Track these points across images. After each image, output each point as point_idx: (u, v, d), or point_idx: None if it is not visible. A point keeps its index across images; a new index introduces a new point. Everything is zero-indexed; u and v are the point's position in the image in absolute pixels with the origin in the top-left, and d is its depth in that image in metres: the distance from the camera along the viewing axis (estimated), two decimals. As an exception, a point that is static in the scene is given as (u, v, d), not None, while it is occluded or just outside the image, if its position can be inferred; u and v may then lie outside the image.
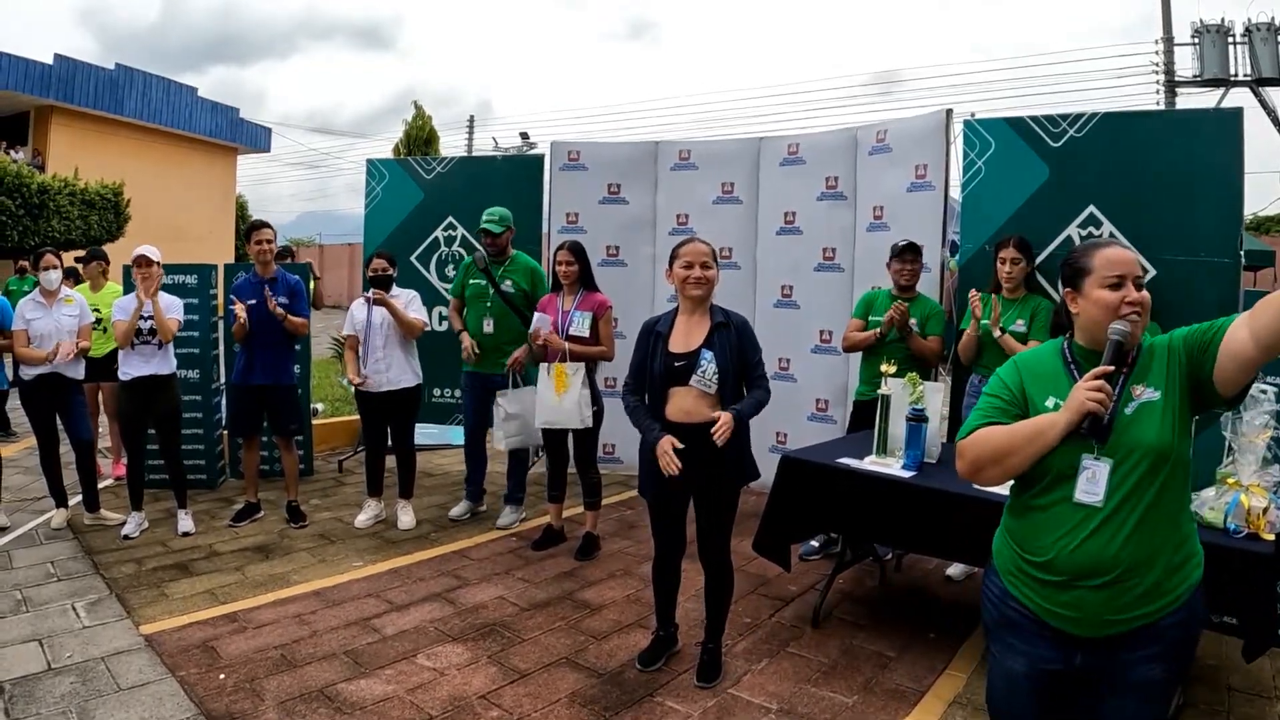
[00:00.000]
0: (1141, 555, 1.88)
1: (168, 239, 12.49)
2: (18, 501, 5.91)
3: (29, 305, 5.21)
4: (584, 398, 4.83)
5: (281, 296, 5.43)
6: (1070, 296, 2.08)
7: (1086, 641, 1.96)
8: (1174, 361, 1.94)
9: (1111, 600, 1.90)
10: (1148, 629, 1.91)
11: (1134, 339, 1.98)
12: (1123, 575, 1.88)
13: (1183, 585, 1.93)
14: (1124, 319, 1.95)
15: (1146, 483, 1.89)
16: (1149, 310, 2.00)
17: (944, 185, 5.34)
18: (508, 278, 5.49)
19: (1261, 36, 17.81)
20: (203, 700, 3.28)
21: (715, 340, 3.42)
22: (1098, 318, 1.98)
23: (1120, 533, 1.89)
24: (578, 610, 4.31)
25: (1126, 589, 1.89)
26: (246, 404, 5.52)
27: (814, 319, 6.14)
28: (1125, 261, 1.98)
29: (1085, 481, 1.94)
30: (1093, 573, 1.90)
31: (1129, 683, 1.94)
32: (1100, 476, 1.92)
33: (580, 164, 6.76)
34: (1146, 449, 1.90)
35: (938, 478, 3.75)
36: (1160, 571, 1.90)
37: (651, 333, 3.56)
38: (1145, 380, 1.96)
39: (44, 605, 4.16)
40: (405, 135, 23.81)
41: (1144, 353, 2.01)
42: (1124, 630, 1.92)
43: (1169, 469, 1.90)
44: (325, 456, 7.46)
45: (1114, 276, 1.97)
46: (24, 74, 22.51)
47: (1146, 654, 1.92)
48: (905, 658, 3.82)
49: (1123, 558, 1.88)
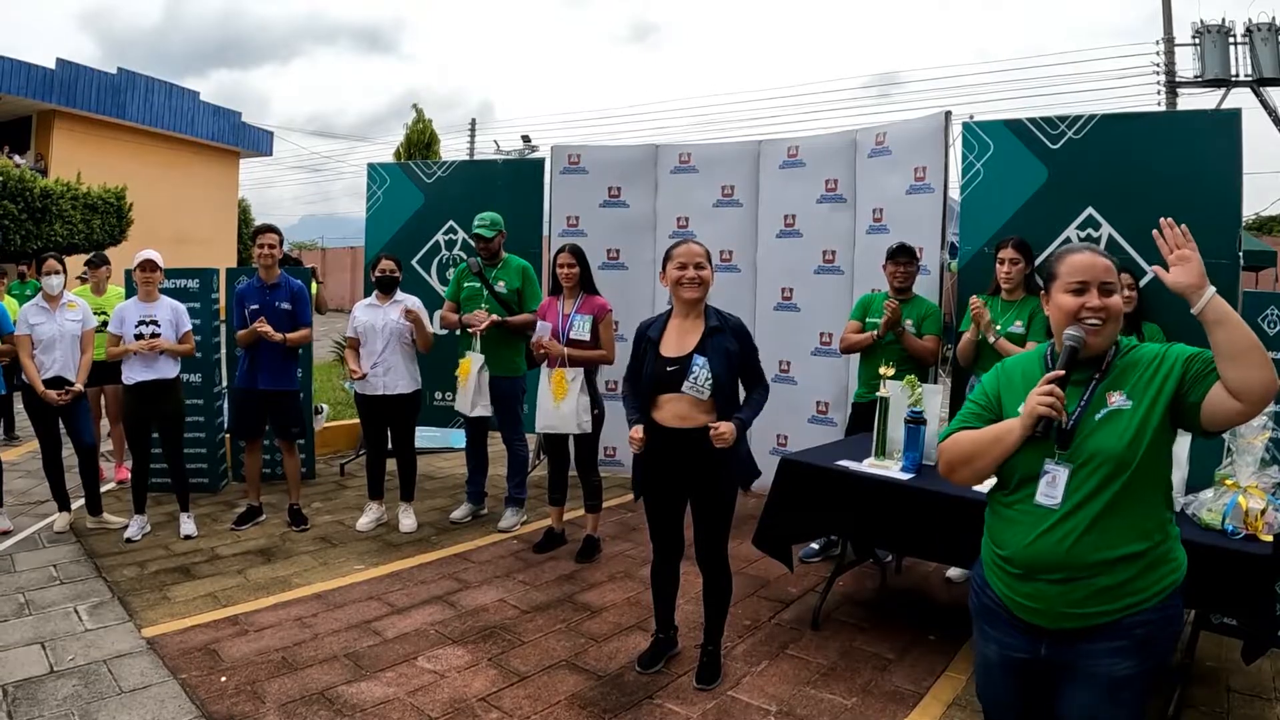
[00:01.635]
0: (1094, 556, 1.92)
1: (170, 243, 12.53)
2: (20, 505, 5.93)
3: (32, 310, 5.23)
4: (582, 404, 4.84)
5: (284, 302, 5.47)
6: (1044, 300, 2.14)
7: (1050, 633, 2.01)
8: (1161, 374, 1.95)
9: (1067, 594, 1.95)
10: (1110, 626, 1.94)
11: (1093, 345, 2.00)
12: (1075, 573, 1.94)
13: (1153, 588, 1.94)
14: (1081, 324, 1.99)
15: (1104, 487, 1.93)
16: (1117, 318, 2.01)
17: (943, 187, 5.35)
18: (500, 280, 5.54)
19: (1262, 37, 17.80)
20: (204, 703, 3.29)
21: (708, 345, 3.39)
22: (1059, 322, 2.05)
23: (1072, 534, 1.95)
24: (578, 613, 4.32)
25: (1080, 585, 1.94)
26: (249, 407, 5.54)
27: (814, 321, 6.15)
28: (1089, 267, 2.01)
29: (1045, 484, 2.01)
30: (1045, 568, 1.97)
31: (1092, 674, 1.97)
32: (1059, 480, 1.99)
33: (581, 167, 6.78)
34: (1106, 455, 1.94)
35: (936, 480, 3.75)
36: (1122, 572, 1.92)
37: (644, 337, 3.55)
38: (1121, 387, 1.99)
39: (46, 608, 4.17)
40: (406, 139, 23.82)
41: (1124, 359, 2.02)
42: (1086, 625, 1.96)
43: (1130, 475, 1.92)
44: (327, 460, 7.47)
45: (1075, 282, 2.01)
46: (26, 78, 22.60)
47: (1110, 647, 1.94)
48: (905, 660, 3.83)
49: (1074, 556, 1.94)
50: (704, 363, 3.35)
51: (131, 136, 25.69)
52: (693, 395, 3.36)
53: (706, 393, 3.35)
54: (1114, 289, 2.02)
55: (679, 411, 3.40)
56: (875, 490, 3.82)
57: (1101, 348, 2.02)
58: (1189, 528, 3.13)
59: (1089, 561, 1.92)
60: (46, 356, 5.16)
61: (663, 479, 3.49)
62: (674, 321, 3.52)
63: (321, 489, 6.62)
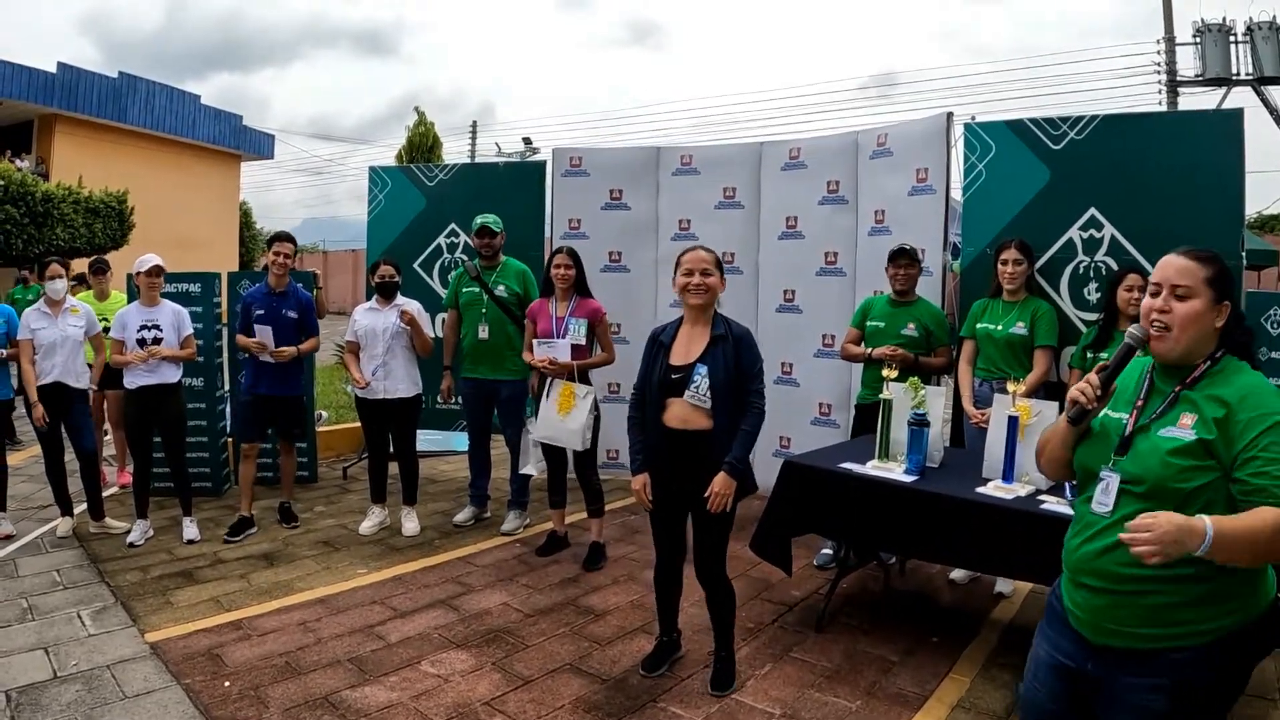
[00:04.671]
0: (1129, 570, 1.83)
1: (172, 246, 12.53)
2: (23, 510, 5.93)
3: (34, 315, 5.23)
4: (588, 422, 4.79)
5: (291, 311, 5.52)
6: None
7: (1098, 650, 1.95)
8: (1231, 432, 1.81)
9: (1112, 609, 1.89)
10: (1153, 655, 1.86)
11: (1156, 351, 1.94)
12: (1112, 585, 1.88)
13: (1205, 624, 1.82)
14: (1142, 325, 1.96)
15: (1146, 507, 1.79)
16: (1184, 325, 1.89)
17: (945, 188, 5.34)
18: (500, 283, 5.55)
19: (1263, 35, 17.78)
20: (208, 708, 3.29)
21: (711, 354, 3.40)
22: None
23: (1109, 541, 1.89)
24: (582, 616, 4.32)
25: (1124, 601, 1.87)
26: (254, 412, 5.56)
27: (816, 323, 6.14)
28: (1161, 267, 1.95)
29: (1100, 490, 1.96)
30: (1086, 575, 1.94)
31: (1127, 705, 1.90)
32: (1112, 487, 1.93)
33: (582, 170, 6.78)
34: (1141, 477, 1.88)
35: (939, 483, 3.75)
36: (1166, 595, 1.82)
37: (656, 342, 3.57)
38: (1200, 413, 1.86)
39: (49, 613, 4.17)
40: (408, 141, 23.80)
41: (1222, 388, 1.87)
42: (1127, 646, 1.89)
43: (1175, 507, 1.76)
44: (330, 464, 7.48)
45: (1153, 284, 1.96)
46: (27, 82, 22.59)
47: (1151, 682, 1.86)
48: (909, 662, 3.82)
49: (1105, 566, 1.89)
50: (705, 372, 3.37)
51: (133, 140, 25.68)
52: (694, 403, 3.39)
53: (708, 402, 3.36)
54: (1190, 293, 1.89)
55: (682, 414, 3.42)
56: (879, 493, 3.82)
57: (1170, 356, 1.93)
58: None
59: (1122, 575, 1.85)
60: (46, 362, 5.16)
61: (666, 481, 3.48)
62: (684, 328, 3.54)
63: (324, 492, 6.63)
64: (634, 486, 3.52)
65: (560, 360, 4.82)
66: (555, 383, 4.86)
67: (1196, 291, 1.89)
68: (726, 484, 3.33)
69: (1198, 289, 1.89)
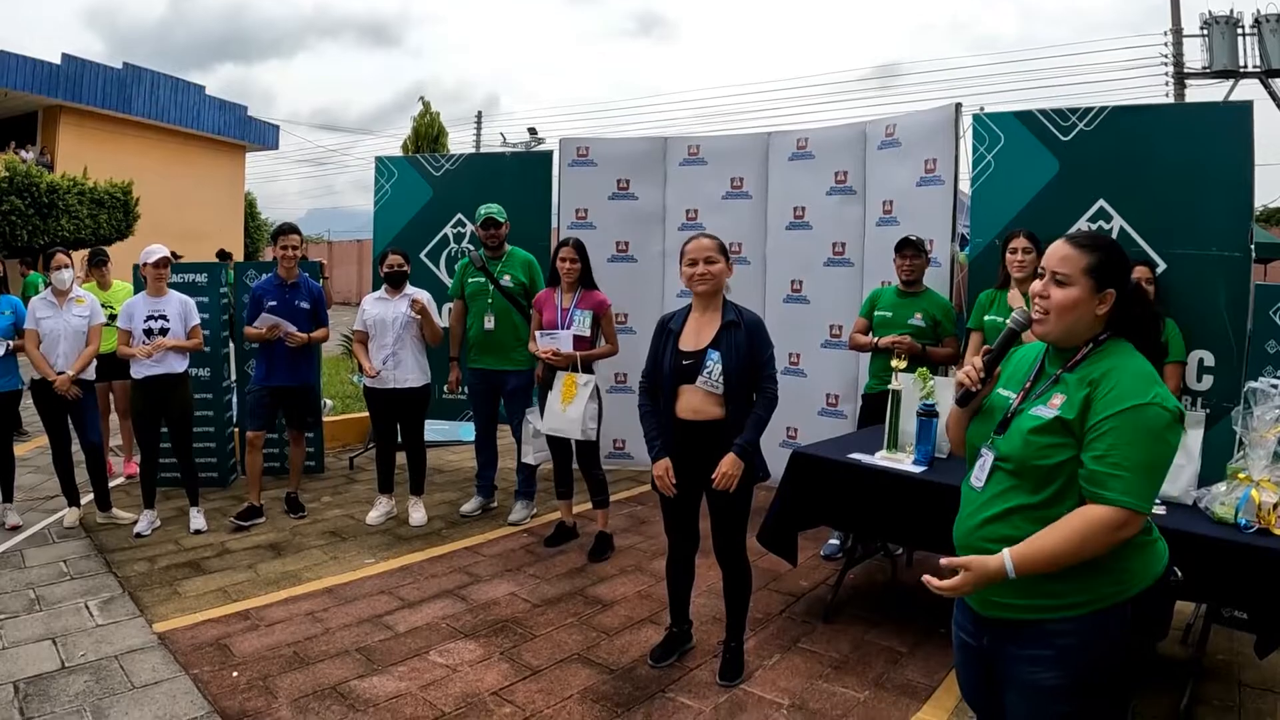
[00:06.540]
0: (996, 546, 1.87)
1: (176, 237, 12.54)
2: (30, 500, 5.94)
3: (40, 305, 5.22)
4: (590, 411, 4.78)
5: (304, 302, 5.55)
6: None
7: (987, 623, 2.02)
8: (1091, 408, 1.86)
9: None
10: (1034, 627, 1.90)
11: (1037, 334, 2.00)
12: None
13: (1083, 595, 1.86)
14: (1025, 310, 2.02)
15: (1017, 484, 1.93)
16: (1060, 312, 1.93)
17: (953, 180, 5.32)
18: (506, 273, 5.54)
19: (1271, 28, 17.66)
20: (216, 698, 3.30)
21: (723, 340, 3.40)
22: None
23: (981, 518, 1.99)
24: (590, 606, 4.32)
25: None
26: (265, 401, 5.57)
27: (824, 314, 6.13)
28: (1048, 254, 1.98)
29: (977, 467, 2.07)
30: (967, 548, 1.99)
31: (1016, 680, 1.97)
32: (986, 464, 2.03)
33: (589, 160, 6.76)
34: (1009, 455, 1.96)
35: (948, 473, 3.74)
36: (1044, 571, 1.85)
37: (665, 329, 3.56)
38: (1068, 394, 1.91)
39: (57, 604, 4.18)
40: (414, 131, 23.75)
41: (1092, 369, 1.91)
42: (1010, 618, 1.94)
43: (1036, 480, 1.89)
44: (337, 454, 7.49)
45: (1041, 268, 2.00)
46: (32, 74, 22.62)
47: (1033, 654, 1.91)
48: (917, 653, 3.82)
49: (977, 540, 1.96)
50: (717, 357, 3.36)
51: (138, 131, 25.72)
52: (706, 389, 3.37)
53: (720, 388, 3.36)
54: (1068, 281, 1.92)
55: (694, 404, 3.41)
56: (887, 483, 3.81)
57: (1048, 338, 1.99)
58: (1201, 522, 3.12)
59: (992, 550, 1.87)
60: (51, 352, 5.15)
61: (679, 472, 3.47)
62: (693, 315, 3.52)
63: (331, 483, 6.63)
64: (655, 472, 3.48)
65: (563, 351, 4.82)
66: (560, 374, 4.86)
67: (1074, 280, 1.92)
68: (735, 464, 3.32)
69: (1075, 277, 1.92)
